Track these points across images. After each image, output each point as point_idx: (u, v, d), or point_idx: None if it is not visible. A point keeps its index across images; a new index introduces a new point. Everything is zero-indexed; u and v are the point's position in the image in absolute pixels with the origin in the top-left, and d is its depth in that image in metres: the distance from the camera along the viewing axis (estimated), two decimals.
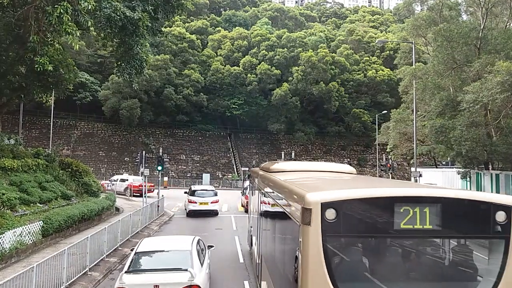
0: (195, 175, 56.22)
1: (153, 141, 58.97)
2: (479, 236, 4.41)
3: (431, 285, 4.41)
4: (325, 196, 4.06)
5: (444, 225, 4.16)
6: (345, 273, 4.21)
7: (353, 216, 4.12)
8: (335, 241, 4.22)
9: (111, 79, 54.85)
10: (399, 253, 4.64)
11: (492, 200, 4.28)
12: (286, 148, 64.77)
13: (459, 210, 4.24)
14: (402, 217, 4.06)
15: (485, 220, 4.21)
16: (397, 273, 4.50)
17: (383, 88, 65.26)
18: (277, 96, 58.21)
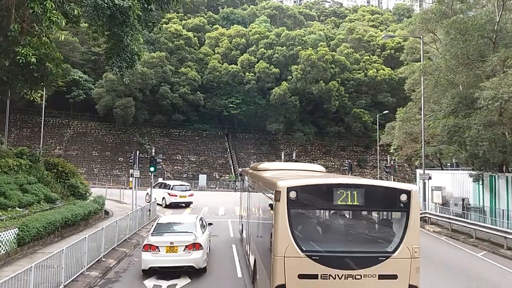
0: (191, 175, 54.65)
1: (148, 140, 57.37)
2: (389, 210, 7.08)
3: (360, 243, 7.05)
4: (289, 183, 6.70)
5: (366, 202, 6.70)
6: (302, 232, 6.76)
7: (307, 196, 6.68)
8: (295, 211, 6.71)
9: (105, 76, 53.23)
10: (338, 220, 7.44)
11: (398, 187, 7.01)
12: (285, 149, 63.31)
13: (376, 193, 6.86)
14: (339, 197, 6.59)
15: (393, 200, 6.76)
16: (337, 232, 7.33)
17: (384, 87, 63.95)
18: (276, 95, 56.74)
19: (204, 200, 33.81)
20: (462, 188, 23.55)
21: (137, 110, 55.67)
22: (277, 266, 6.54)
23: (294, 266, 6.50)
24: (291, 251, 6.52)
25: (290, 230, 6.54)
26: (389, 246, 6.82)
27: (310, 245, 6.76)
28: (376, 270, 6.56)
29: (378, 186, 7.07)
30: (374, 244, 7.14)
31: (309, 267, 6.49)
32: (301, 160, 62.00)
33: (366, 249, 6.91)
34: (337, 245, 6.97)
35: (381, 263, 6.58)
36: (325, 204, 6.94)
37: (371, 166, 64.80)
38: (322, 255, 6.59)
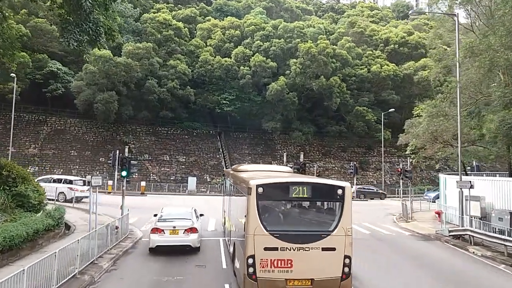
0: (180, 178, 49.86)
1: (132, 139, 52.44)
2: (329, 200, 10.31)
3: (309, 224, 10.29)
4: (258, 182, 9.65)
5: (312, 195, 9.89)
6: (266, 216, 9.75)
7: (271, 191, 9.66)
8: (262, 202, 9.60)
9: (85, 68, 48.23)
10: (294, 208, 10.64)
11: (335, 184, 10.13)
12: (282, 149, 58.79)
13: (320, 188, 10.25)
14: (293, 191, 9.62)
15: (332, 193, 9.83)
16: (292, 217, 10.56)
17: (388, 84, 59.76)
18: (273, 91, 52.20)
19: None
20: (506, 198, 19.20)
21: (121, 105, 50.74)
22: (248, 241, 9.38)
23: (261, 241, 9.29)
24: (259, 230, 9.34)
25: (258, 215, 9.43)
26: (329, 227, 9.72)
27: (272, 226, 9.62)
28: (320, 244, 9.42)
29: (321, 183, 10.84)
30: (318, 225, 10.20)
31: (271, 242, 9.29)
32: None
33: (312, 229, 10.03)
34: (292, 226, 10.09)
35: (323, 239, 9.48)
36: (283, 196, 10.03)
37: (374, 169, 60.61)
38: (281, 233, 9.43)
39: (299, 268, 9.20)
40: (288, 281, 9.16)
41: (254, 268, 9.17)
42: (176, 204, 28.01)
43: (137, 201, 31.02)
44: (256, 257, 9.20)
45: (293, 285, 9.21)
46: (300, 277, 9.21)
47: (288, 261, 9.20)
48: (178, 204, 27.77)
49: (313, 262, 9.28)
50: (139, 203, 29.54)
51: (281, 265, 9.17)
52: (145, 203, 30.41)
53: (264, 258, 9.22)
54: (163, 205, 28.18)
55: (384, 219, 28.14)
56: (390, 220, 28.03)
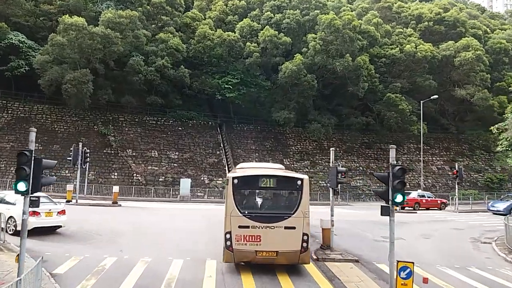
0: (171, 179, 39.78)
1: (113, 130, 42.33)
2: (290, 189, 12.31)
3: (274, 209, 12.15)
4: (234, 175, 12.14)
5: (277, 185, 12.25)
6: (241, 202, 11.80)
7: (244, 181, 12.04)
8: (237, 190, 11.78)
9: (51, 39, 37.99)
10: (262, 196, 12.72)
11: (295, 176, 12.22)
12: (295, 144, 48.83)
13: (283, 180, 12.44)
14: (261, 182, 11.99)
15: (293, 184, 11.94)
16: (261, 204, 12.52)
17: (424, 68, 49.68)
18: (287, 72, 42.06)
19: (168, 230, 18.77)
20: None
21: (98, 88, 40.64)
22: (226, 221, 11.46)
23: (236, 221, 11.31)
24: (234, 212, 11.38)
25: (234, 200, 11.51)
26: (290, 210, 11.54)
27: (245, 209, 11.59)
28: (282, 224, 11.32)
29: (284, 175, 12.76)
30: (282, 209, 12.02)
31: (244, 221, 11.29)
32: (316, 160, 47.67)
33: (277, 212, 11.81)
34: (261, 209, 12.12)
35: (285, 220, 11.36)
36: (254, 186, 12.20)
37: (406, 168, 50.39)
38: (252, 215, 11.40)
39: (266, 242, 11.27)
40: (257, 252, 11.30)
41: (231, 242, 11.27)
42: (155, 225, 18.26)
43: (94, 217, 20.93)
44: (232, 233, 11.29)
45: (261, 256, 11.31)
46: (267, 249, 11.32)
47: (258, 236, 11.26)
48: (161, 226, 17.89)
49: (277, 237, 11.29)
50: (93, 222, 19.40)
51: (252, 240, 11.24)
52: (104, 221, 20.07)
53: (238, 234, 11.28)
54: (134, 225, 18.31)
55: (477, 254, 17.88)
56: (492, 254, 17.74)
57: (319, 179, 45.42)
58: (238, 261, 11.58)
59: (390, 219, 10.19)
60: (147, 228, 17.95)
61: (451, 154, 54.84)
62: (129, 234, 16.56)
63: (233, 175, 12.01)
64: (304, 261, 11.63)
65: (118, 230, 17.26)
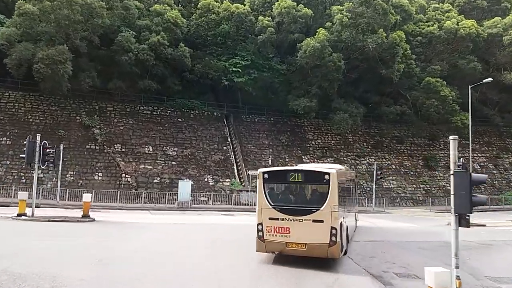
0: (168, 181, 32.55)
1: (99, 121, 35.12)
2: (318, 184, 11.86)
3: (302, 203, 11.89)
4: (264, 170, 12.29)
5: (305, 179, 12.03)
6: (271, 195, 11.88)
7: (274, 176, 12.27)
8: (268, 185, 11.95)
9: (19, 7, 30.71)
10: (291, 189, 12.40)
11: (323, 170, 11.88)
12: (315, 139, 41.48)
13: (311, 174, 12.22)
14: (290, 177, 11.99)
15: (320, 178, 11.49)
16: (290, 197, 12.22)
17: (467, 48, 42.10)
18: (308, 50, 34.67)
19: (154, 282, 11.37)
20: None
21: (79, 70, 33.50)
22: (258, 213, 11.74)
23: (266, 213, 11.54)
24: (265, 205, 11.64)
25: (264, 194, 11.76)
26: (318, 204, 11.32)
27: (275, 202, 11.72)
28: (311, 217, 11.20)
29: (312, 170, 12.56)
30: (310, 202, 11.81)
31: (274, 213, 11.46)
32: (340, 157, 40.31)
33: (305, 205, 11.69)
34: (290, 202, 11.98)
35: (313, 213, 11.21)
36: (283, 180, 12.29)
37: (445, 167, 43.00)
38: (281, 207, 11.50)
39: (295, 234, 11.28)
40: (287, 244, 11.34)
41: (262, 232, 11.55)
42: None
43: (37, 248, 13.52)
44: (263, 224, 11.55)
45: (291, 247, 11.33)
46: (296, 241, 11.27)
47: (287, 228, 11.34)
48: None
49: (306, 230, 11.19)
50: (25, 260, 12.01)
51: (282, 231, 11.41)
52: (47, 258, 12.44)
53: (269, 225, 11.51)
54: (96, 267, 10.85)
55: None
56: None
57: None
58: (269, 251, 11.84)
59: None
60: (116, 275, 10.51)
61: (494, 150, 47.26)
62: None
63: (263, 170, 12.48)
64: (333, 255, 11.33)
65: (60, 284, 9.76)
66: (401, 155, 42.96)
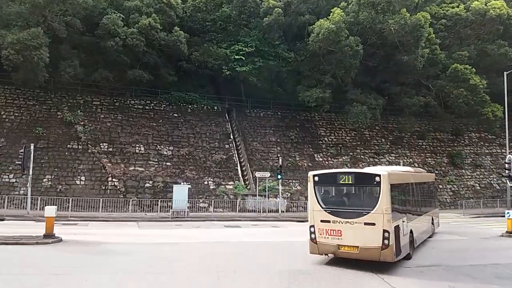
0: (162, 185, 28.11)
1: (83, 117, 30.73)
2: (369, 186, 11.81)
3: (353, 205, 11.85)
4: (314, 172, 12.42)
5: (355, 181, 11.86)
6: (322, 197, 11.99)
7: (324, 178, 12.23)
8: (318, 187, 12.03)
9: None
10: (342, 191, 12.58)
11: (373, 172, 11.81)
12: (328, 135, 37.07)
13: (361, 176, 12.08)
14: (340, 179, 11.97)
15: (371, 180, 11.44)
16: (341, 200, 12.39)
17: (497, 31, 37.65)
18: (322, 33, 30.21)
19: None
20: None
21: (60, 58, 29.14)
22: (310, 215, 11.95)
23: (318, 215, 11.66)
24: (316, 207, 11.75)
25: (315, 196, 11.86)
26: (370, 206, 11.16)
27: (326, 204, 11.81)
28: (362, 220, 11.03)
29: (362, 172, 12.79)
30: (361, 205, 11.69)
31: (325, 216, 11.54)
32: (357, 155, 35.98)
33: (357, 207, 11.55)
34: (341, 205, 12.03)
35: (365, 216, 11.04)
36: (333, 183, 12.26)
37: (472, 165, 38.66)
38: (332, 210, 11.58)
39: (347, 237, 11.16)
40: (339, 246, 11.26)
41: (314, 235, 11.66)
42: None
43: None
44: (315, 226, 11.66)
45: (343, 250, 11.25)
46: (348, 244, 11.15)
47: (338, 231, 11.27)
48: None
49: (357, 233, 11.01)
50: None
51: (333, 234, 11.35)
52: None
53: (321, 227, 11.57)
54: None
55: None
56: None
57: None
58: (322, 253, 11.79)
59: None
60: None
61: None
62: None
63: (313, 172, 12.44)
64: (386, 258, 10.85)
65: None
66: (423, 152, 38.55)
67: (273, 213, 26.54)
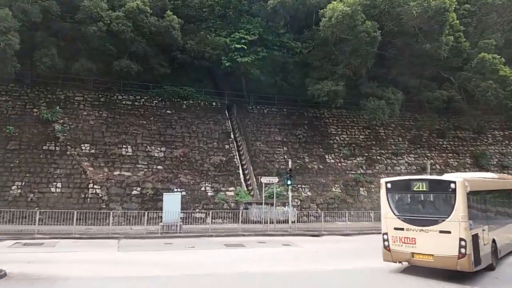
0: (152, 192, 24.19)
1: (62, 115, 26.83)
2: (444, 193, 11.50)
3: (427, 213, 11.64)
4: (386, 179, 12.55)
5: (430, 189, 11.66)
6: (395, 206, 11.97)
7: (397, 185, 12.15)
8: (391, 194, 12.06)
9: None
10: (415, 199, 12.35)
11: (448, 179, 11.52)
12: (339, 134, 33.28)
13: (436, 183, 11.77)
14: (414, 186, 11.76)
15: (446, 187, 11.17)
16: (415, 207, 12.22)
17: None
18: (335, 17, 26.42)
19: None
20: None
21: (35, 46, 25.30)
22: (383, 222, 12.04)
23: (391, 223, 11.70)
24: (389, 215, 11.81)
25: (388, 204, 11.91)
26: (445, 214, 10.96)
27: (399, 212, 11.82)
28: (437, 228, 10.86)
29: (436, 179, 12.59)
30: (435, 213, 11.45)
31: (399, 223, 11.53)
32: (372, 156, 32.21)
33: (430, 215, 11.39)
34: (414, 212, 11.83)
35: (440, 224, 10.86)
36: (406, 190, 12.10)
37: (498, 166, 34.86)
38: (406, 217, 11.52)
39: (421, 245, 11.04)
40: (413, 254, 11.17)
41: (388, 242, 11.69)
42: None
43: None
44: (389, 234, 11.69)
45: (418, 258, 11.13)
46: (423, 252, 11.00)
47: (412, 239, 11.19)
48: None
49: (432, 241, 10.86)
50: None
51: (407, 242, 11.28)
52: None
53: (394, 235, 11.56)
54: None
55: None
56: None
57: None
58: (396, 261, 11.73)
59: None
60: None
61: None
62: None
63: (385, 179, 12.51)
64: (463, 268, 10.58)
65: None
66: (444, 152, 34.77)
67: (282, 225, 22.70)
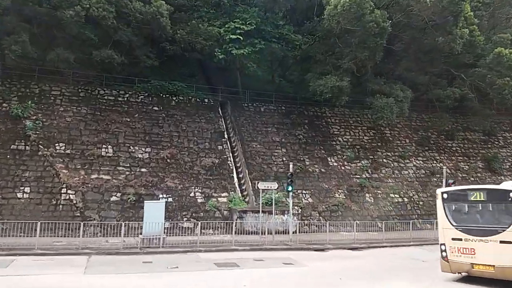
0: (134, 198, 21.35)
1: (35, 111, 23.88)
2: (502, 202, 11.28)
3: (486, 223, 11.44)
4: (443, 190, 13.07)
5: (487, 198, 11.70)
6: (452, 215, 11.96)
7: (454, 195, 12.35)
8: (448, 204, 12.10)
9: None
10: (473, 209, 12.12)
11: (507, 188, 11.53)
12: (342, 134, 30.70)
13: (494, 193, 11.91)
14: (471, 196, 11.81)
15: (504, 196, 11.06)
16: (473, 217, 12.00)
17: None
18: (341, 4, 23.82)
19: None
20: None
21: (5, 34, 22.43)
22: (440, 233, 12.02)
23: (449, 233, 11.66)
24: (446, 225, 11.80)
25: (445, 214, 11.91)
26: (505, 224, 10.79)
27: (456, 222, 11.74)
28: (497, 238, 10.70)
29: (495, 188, 12.65)
30: (495, 222, 11.27)
31: (457, 234, 11.45)
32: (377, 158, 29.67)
33: (490, 225, 11.22)
34: (473, 222, 11.71)
35: (500, 234, 10.69)
36: (464, 199, 12.09)
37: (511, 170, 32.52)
38: (464, 228, 11.43)
39: (481, 256, 10.91)
40: (473, 265, 11.06)
41: (446, 253, 11.66)
42: None
43: None
44: (446, 245, 11.66)
45: (478, 269, 10.99)
46: (483, 263, 10.87)
47: (471, 249, 11.07)
48: None
49: (492, 251, 10.72)
50: None
51: (466, 252, 11.16)
52: None
53: (452, 246, 11.50)
54: None
55: None
56: None
57: (389, 192, 27.35)
58: (454, 272, 11.73)
59: None
60: None
61: None
62: None
63: (442, 189, 12.67)
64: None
65: None
66: (454, 155, 32.35)
67: (281, 236, 20.01)
